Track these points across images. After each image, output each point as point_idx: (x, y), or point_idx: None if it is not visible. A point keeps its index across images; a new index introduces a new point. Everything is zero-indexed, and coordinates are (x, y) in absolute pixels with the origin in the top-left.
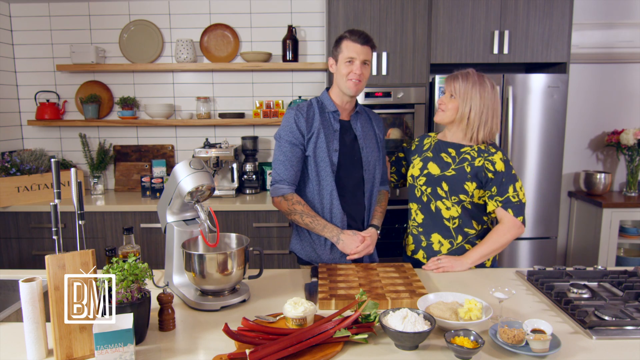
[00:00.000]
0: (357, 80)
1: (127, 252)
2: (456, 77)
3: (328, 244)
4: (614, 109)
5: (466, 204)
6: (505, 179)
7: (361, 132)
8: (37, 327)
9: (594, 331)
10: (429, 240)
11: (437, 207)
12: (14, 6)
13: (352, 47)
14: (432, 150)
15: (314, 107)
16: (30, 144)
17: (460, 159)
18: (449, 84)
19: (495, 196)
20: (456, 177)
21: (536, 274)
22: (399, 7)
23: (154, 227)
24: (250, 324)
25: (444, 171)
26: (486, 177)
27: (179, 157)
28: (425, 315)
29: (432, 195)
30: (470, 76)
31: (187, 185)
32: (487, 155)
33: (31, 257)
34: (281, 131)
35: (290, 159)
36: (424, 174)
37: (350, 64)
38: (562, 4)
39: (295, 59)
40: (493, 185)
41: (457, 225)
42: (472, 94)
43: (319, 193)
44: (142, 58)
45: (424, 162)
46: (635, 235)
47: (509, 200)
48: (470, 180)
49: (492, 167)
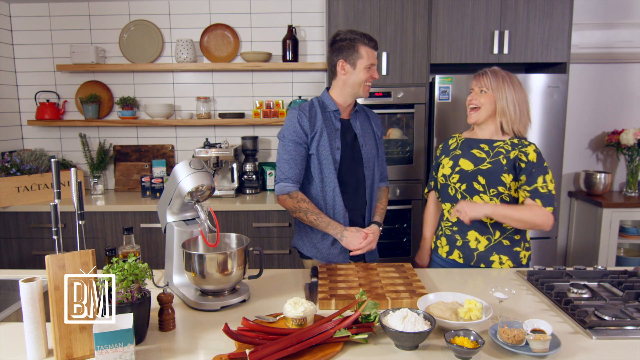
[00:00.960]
0: (370, 85)
1: (127, 252)
2: (484, 73)
3: (327, 240)
4: (614, 109)
5: (504, 197)
6: (535, 169)
7: (360, 130)
8: (37, 327)
9: (594, 331)
10: (465, 239)
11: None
12: (14, 6)
13: (372, 53)
14: (461, 148)
15: (315, 107)
16: (30, 144)
17: (495, 152)
18: (478, 81)
19: (524, 185)
20: (492, 169)
21: (536, 274)
22: (399, 7)
23: (154, 227)
24: (250, 324)
25: (478, 165)
26: (519, 167)
27: (179, 157)
28: (425, 315)
29: (468, 191)
30: (498, 72)
31: (187, 185)
32: (521, 147)
33: (31, 257)
34: (285, 131)
35: (294, 158)
36: (457, 172)
37: (369, 70)
38: (562, 4)
39: (295, 59)
40: (523, 173)
41: (495, 220)
42: (505, 87)
43: (322, 190)
44: (142, 58)
45: (454, 160)
46: (635, 235)
47: (537, 190)
48: (507, 172)
49: (524, 158)
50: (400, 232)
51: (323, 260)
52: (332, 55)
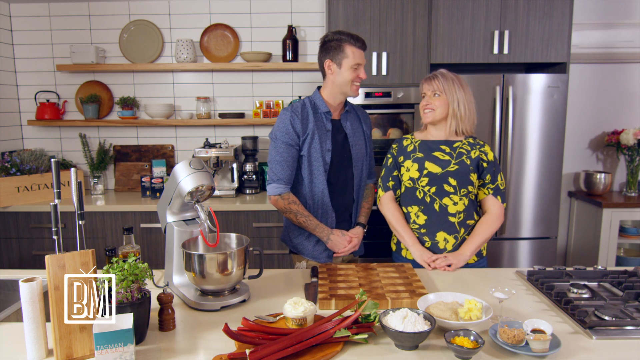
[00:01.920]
0: (359, 84)
1: (127, 252)
2: (435, 77)
3: (312, 241)
4: (614, 109)
5: (471, 196)
6: (495, 168)
7: (351, 131)
8: (37, 327)
9: (594, 331)
10: (434, 240)
11: (442, 205)
12: (14, 6)
13: (358, 53)
14: (421, 151)
15: (307, 108)
16: (30, 144)
17: (457, 153)
18: (429, 84)
19: (488, 184)
20: (460, 170)
21: (536, 274)
22: (399, 7)
23: (154, 227)
24: (250, 324)
25: (445, 168)
26: (481, 166)
27: (179, 157)
28: (425, 315)
29: (437, 194)
30: (447, 74)
31: (187, 185)
32: (479, 147)
33: (31, 257)
34: (277, 132)
35: (286, 159)
36: (425, 175)
37: (356, 70)
38: (562, 4)
39: (295, 59)
40: (487, 173)
41: (462, 219)
42: (456, 89)
43: (311, 190)
44: (142, 58)
45: (418, 162)
46: (635, 235)
47: (498, 187)
48: (472, 171)
49: (485, 157)
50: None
51: (307, 257)
52: (320, 55)
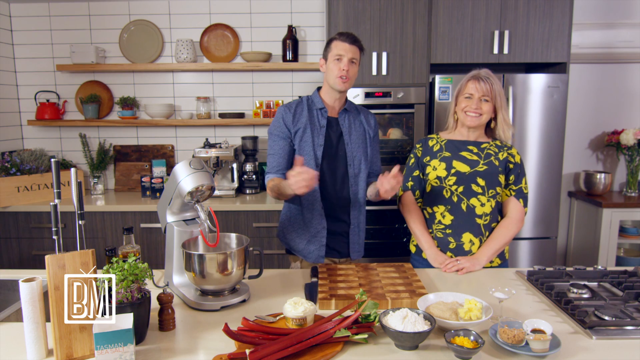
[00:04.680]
0: (344, 76)
1: (127, 252)
2: (486, 79)
3: (304, 239)
4: (614, 109)
5: (499, 198)
6: (520, 170)
7: (347, 129)
8: (37, 327)
9: (594, 331)
10: (460, 241)
11: (469, 205)
12: (14, 6)
13: (341, 45)
14: (448, 150)
15: (303, 104)
16: (30, 144)
17: (485, 154)
18: (479, 86)
19: (511, 185)
20: (489, 171)
21: (536, 274)
22: (399, 7)
23: (154, 227)
24: (250, 324)
25: (474, 167)
26: (508, 167)
27: (179, 157)
28: (425, 315)
29: (464, 193)
30: (495, 78)
31: (187, 185)
32: (507, 149)
33: (31, 257)
34: (271, 127)
35: (279, 152)
36: (453, 174)
37: (338, 61)
38: (562, 4)
39: (295, 59)
40: (512, 174)
41: (488, 221)
42: (502, 95)
43: None
44: (142, 58)
45: (446, 162)
46: (635, 235)
47: (521, 190)
48: (501, 172)
49: (512, 159)
50: (399, 232)
51: (299, 254)
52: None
